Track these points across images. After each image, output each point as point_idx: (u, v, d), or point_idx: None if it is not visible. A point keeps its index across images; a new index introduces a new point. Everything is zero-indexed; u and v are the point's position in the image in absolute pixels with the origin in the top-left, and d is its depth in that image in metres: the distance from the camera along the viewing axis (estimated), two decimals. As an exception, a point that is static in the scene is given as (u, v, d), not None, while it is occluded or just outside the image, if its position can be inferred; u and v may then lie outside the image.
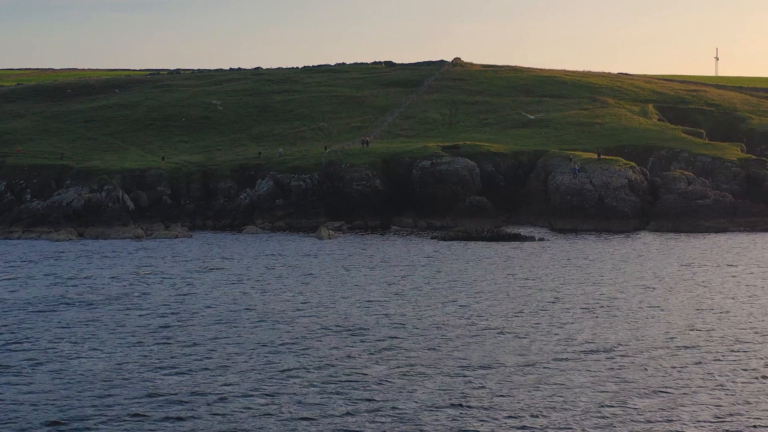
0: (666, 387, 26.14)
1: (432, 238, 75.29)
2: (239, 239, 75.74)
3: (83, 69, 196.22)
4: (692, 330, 34.28)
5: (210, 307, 39.62)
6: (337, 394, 25.41)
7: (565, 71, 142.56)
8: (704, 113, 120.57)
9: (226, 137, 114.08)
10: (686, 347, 31.28)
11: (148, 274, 51.13)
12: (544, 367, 28.19)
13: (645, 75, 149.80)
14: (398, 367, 28.34)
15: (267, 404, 24.52)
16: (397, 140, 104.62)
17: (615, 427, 22.72)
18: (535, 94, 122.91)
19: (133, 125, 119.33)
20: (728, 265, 54.87)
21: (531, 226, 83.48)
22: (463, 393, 25.41)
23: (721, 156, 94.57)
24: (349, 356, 30.17)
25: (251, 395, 25.45)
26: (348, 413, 23.76)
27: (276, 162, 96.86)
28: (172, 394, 25.40)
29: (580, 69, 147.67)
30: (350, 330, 34.48)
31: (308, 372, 28.06)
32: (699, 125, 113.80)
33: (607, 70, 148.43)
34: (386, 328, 34.56)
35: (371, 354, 30.57)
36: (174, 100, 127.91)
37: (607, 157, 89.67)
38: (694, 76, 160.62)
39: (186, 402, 24.74)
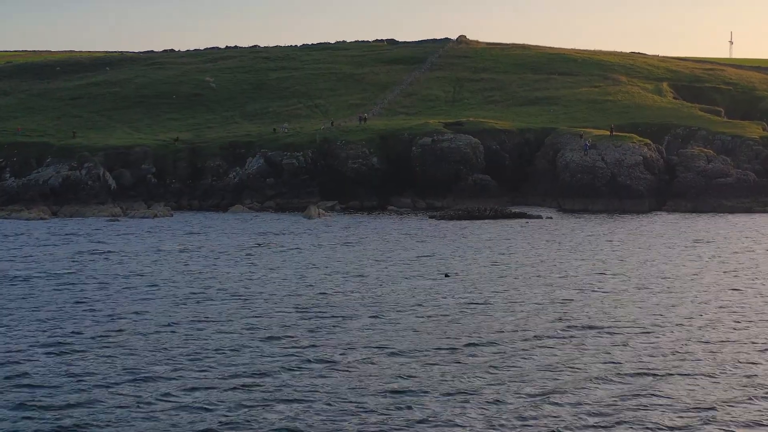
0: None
1: (430, 217, 69.62)
2: (222, 219, 70.17)
3: (80, 51, 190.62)
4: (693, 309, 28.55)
5: (150, 285, 34.01)
6: (241, 379, 20.18)
7: (575, 50, 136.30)
8: (721, 92, 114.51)
9: (217, 115, 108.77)
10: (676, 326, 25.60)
11: (101, 251, 45.50)
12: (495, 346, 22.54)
13: (658, 56, 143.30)
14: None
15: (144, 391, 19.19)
16: (397, 117, 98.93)
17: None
18: (544, 72, 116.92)
19: (121, 103, 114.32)
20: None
21: (538, 206, 77.81)
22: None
23: (742, 134, 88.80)
24: (275, 336, 24.65)
25: (136, 374, 20.36)
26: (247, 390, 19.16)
27: (268, 139, 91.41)
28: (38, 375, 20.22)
29: (591, 48, 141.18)
30: (294, 308, 29.02)
31: (216, 354, 22.68)
32: (716, 104, 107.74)
33: (618, 50, 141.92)
34: (329, 307, 29.19)
35: (307, 331, 25.39)
36: (165, 78, 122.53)
37: (621, 134, 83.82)
38: (709, 58, 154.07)
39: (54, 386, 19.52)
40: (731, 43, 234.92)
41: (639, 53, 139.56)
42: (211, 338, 24.53)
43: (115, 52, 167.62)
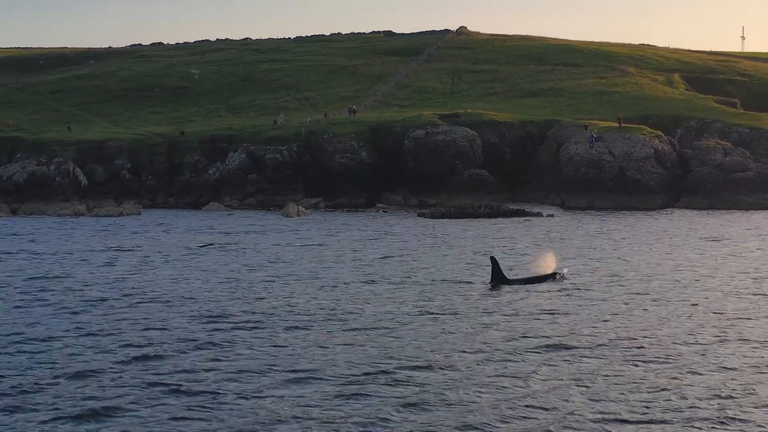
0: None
1: (419, 215, 63.20)
2: (192, 217, 63.95)
3: (71, 47, 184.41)
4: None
5: (52, 290, 27.93)
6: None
7: (582, 41, 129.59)
8: (736, 84, 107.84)
9: (202, 108, 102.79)
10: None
11: (29, 251, 39.37)
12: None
13: (669, 47, 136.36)
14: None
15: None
16: (390, 110, 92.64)
17: None
18: (548, 63, 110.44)
19: (102, 96, 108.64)
20: None
21: (540, 204, 71.58)
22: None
23: (760, 126, 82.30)
24: (154, 356, 18.92)
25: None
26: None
27: (251, 132, 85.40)
28: None
29: (598, 40, 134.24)
30: (196, 320, 23.04)
31: (63, 381, 16.86)
32: (731, 96, 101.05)
33: (627, 42, 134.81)
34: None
35: (197, 349, 19.55)
36: (150, 70, 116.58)
37: (630, 126, 77.42)
38: (721, 52, 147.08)
39: None
40: (743, 38, 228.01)
41: (649, 45, 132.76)
42: (71, 358, 18.39)
43: (105, 47, 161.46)
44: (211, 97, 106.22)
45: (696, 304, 25.09)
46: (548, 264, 30.46)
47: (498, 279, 28.90)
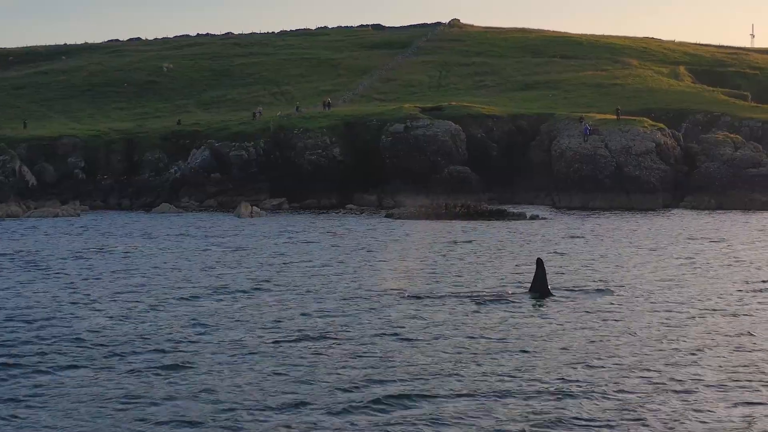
0: None
1: (386, 216, 55.80)
2: (134, 220, 56.68)
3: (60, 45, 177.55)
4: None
5: None
6: None
7: (582, 34, 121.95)
8: (747, 77, 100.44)
9: (170, 103, 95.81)
10: None
11: None
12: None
13: (675, 41, 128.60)
14: None
15: None
16: (370, 104, 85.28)
17: None
18: (544, 55, 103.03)
19: (67, 92, 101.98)
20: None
21: (529, 204, 64.30)
22: None
23: (773, 120, 74.95)
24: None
25: None
26: None
27: (217, 128, 78.35)
28: None
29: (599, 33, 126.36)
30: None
31: None
32: (741, 90, 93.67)
33: (631, 35, 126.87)
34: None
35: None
36: (120, 65, 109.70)
37: (630, 118, 70.00)
38: (730, 47, 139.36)
39: None
40: (752, 36, 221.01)
41: (653, 39, 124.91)
42: None
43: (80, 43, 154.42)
44: (182, 92, 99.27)
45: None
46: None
47: (540, 288, 22.81)
